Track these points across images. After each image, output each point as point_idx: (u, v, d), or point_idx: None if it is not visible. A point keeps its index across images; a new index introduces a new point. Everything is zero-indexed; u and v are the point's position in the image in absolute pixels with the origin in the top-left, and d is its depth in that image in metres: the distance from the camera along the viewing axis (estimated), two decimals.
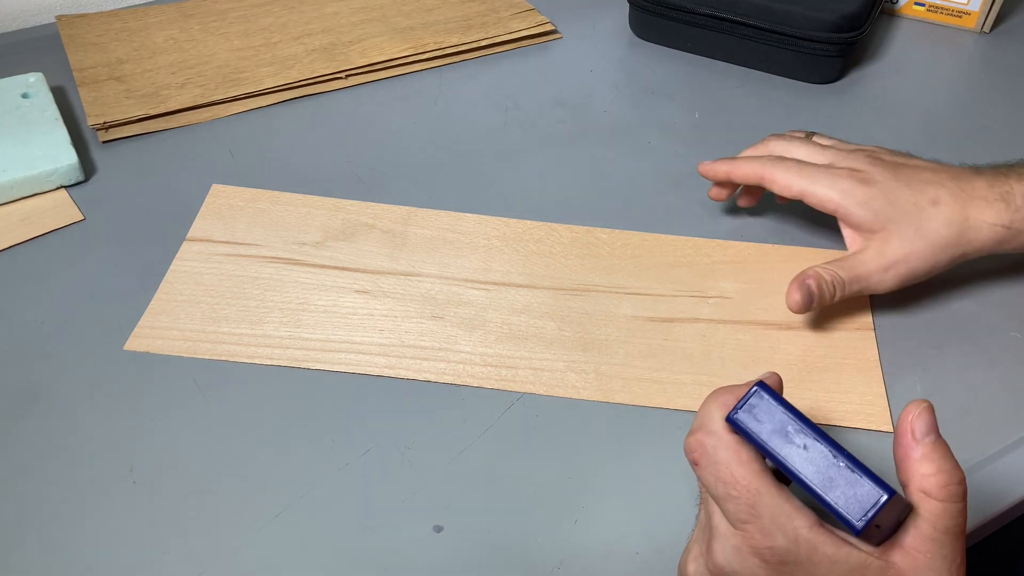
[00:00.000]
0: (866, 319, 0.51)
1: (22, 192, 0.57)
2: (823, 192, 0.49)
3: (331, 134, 0.64)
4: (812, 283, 0.48)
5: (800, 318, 0.51)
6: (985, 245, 0.48)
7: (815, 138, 0.55)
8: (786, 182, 0.50)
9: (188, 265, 0.53)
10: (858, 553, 0.31)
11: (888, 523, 0.31)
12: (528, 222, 0.57)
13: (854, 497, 0.30)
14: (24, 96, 0.63)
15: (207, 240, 0.55)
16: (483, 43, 0.72)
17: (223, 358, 0.48)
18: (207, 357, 0.48)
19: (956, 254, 0.48)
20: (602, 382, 0.48)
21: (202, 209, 0.57)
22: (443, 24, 0.73)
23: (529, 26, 0.74)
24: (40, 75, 0.64)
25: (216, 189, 0.58)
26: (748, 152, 0.55)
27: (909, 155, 0.52)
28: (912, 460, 0.32)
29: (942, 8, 0.77)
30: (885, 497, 0.30)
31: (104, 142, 0.62)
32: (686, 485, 0.43)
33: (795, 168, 0.51)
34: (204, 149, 0.62)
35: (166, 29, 0.72)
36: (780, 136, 0.55)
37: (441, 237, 0.55)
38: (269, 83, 0.66)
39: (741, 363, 0.49)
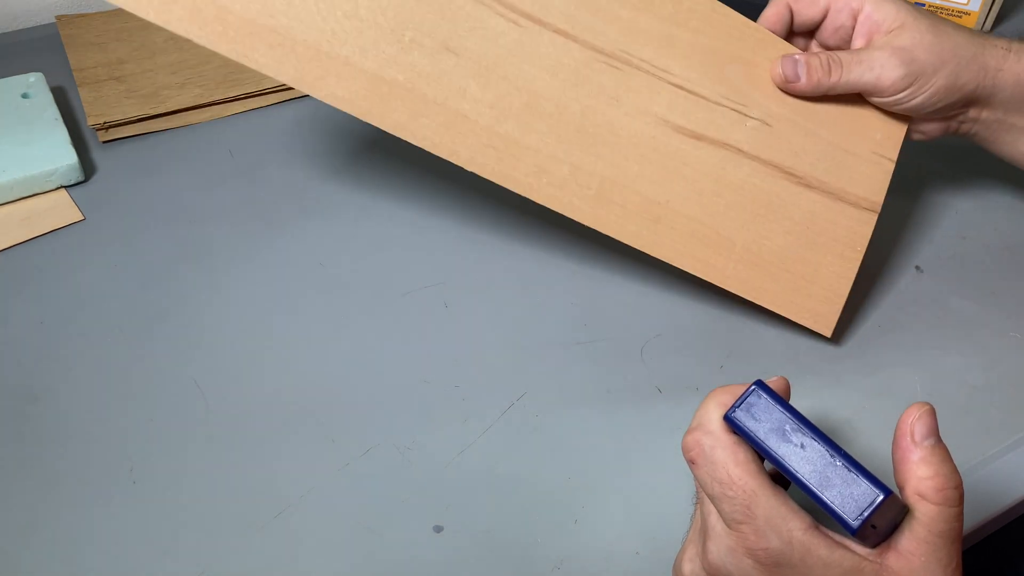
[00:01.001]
0: (878, 198, 0.50)
1: (22, 192, 0.57)
2: None
3: (331, 134, 0.64)
4: (801, 57, 0.47)
5: (819, 176, 0.49)
6: (987, 64, 0.48)
7: None
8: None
9: None
10: (852, 556, 0.31)
11: (884, 524, 0.31)
12: None
13: (850, 496, 0.30)
14: (24, 96, 0.63)
15: None
16: None
17: (176, 29, 0.41)
18: (153, 16, 0.41)
19: (962, 65, 0.47)
20: (600, 204, 0.45)
21: None
22: None
23: None
24: (40, 75, 0.65)
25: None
26: None
27: None
28: (910, 463, 0.32)
29: (942, 8, 0.77)
30: (881, 497, 0.30)
31: (104, 142, 0.63)
32: (685, 485, 0.43)
33: None
34: (204, 149, 0.62)
35: (166, 29, 0.72)
36: None
37: None
38: (269, 83, 0.67)
39: (742, 218, 0.48)
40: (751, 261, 0.48)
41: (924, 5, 0.78)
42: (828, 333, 0.49)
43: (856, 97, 0.49)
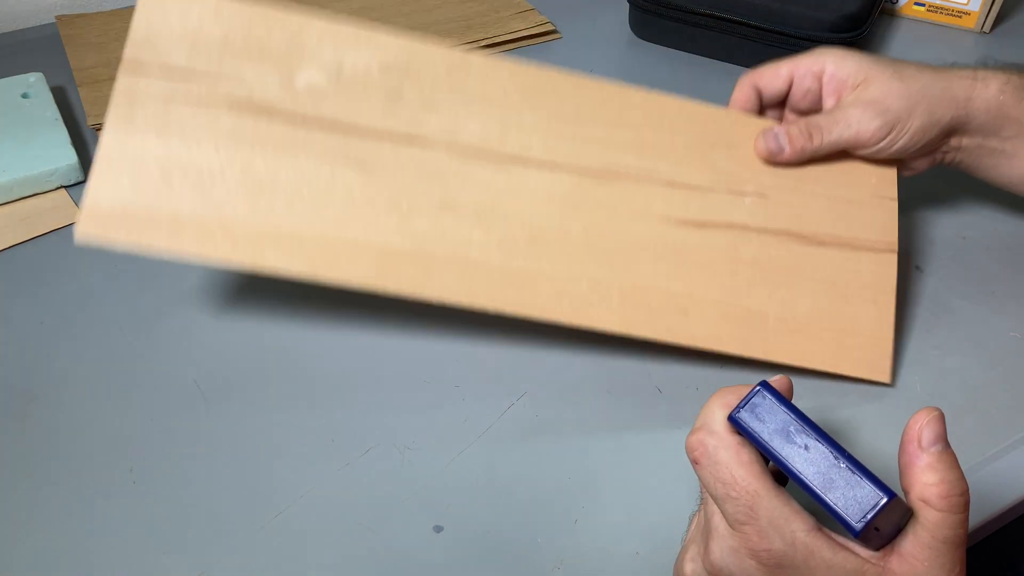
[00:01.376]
0: (891, 237, 0.50)
1: (22, 192, 0.57)
2: (808, 59, 0.50)
3: None
4: (780, 130, 0.49)
5: (829, 232, 0.49)
6: (957, 96, 0.49)
7: None
8: (773, 71, 0.51)
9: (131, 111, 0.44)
10: (855, 558, 0.31)
11: (888, 527, 0.31)
12: (555, 73, 0.48)
13: (854, 499, 0.30)
14: (24, 96, 0.63)
15: (158, 66, 0.45)
16: (483, 43, 0.72)
17: (189, 254, 0.42)
18: (165, 247, 0.41)
19: (933, 102, 0.48)
20: (626, 310, 0.46)
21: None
22: (443, 24, 0.73)
23: (529, 26, 0.74)
24: (40, 75, 0.64)
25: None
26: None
27: None
28: (916, 468, 0.31)
29: (942, 8, 0.77)
30: (885, 499, 0.30)
31: None
32: (685, 485, 0.43)
33: (773, 62, 0.51)
34: None
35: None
36: None
37: (448, 83, 0.46)
38: None
39: (767, 289, 0.48)
40: (788, 329, 0.48)
41: (924, 5, 0.78)
42: (887, 379, 0.48)
43: (841, 151, 0.50)
